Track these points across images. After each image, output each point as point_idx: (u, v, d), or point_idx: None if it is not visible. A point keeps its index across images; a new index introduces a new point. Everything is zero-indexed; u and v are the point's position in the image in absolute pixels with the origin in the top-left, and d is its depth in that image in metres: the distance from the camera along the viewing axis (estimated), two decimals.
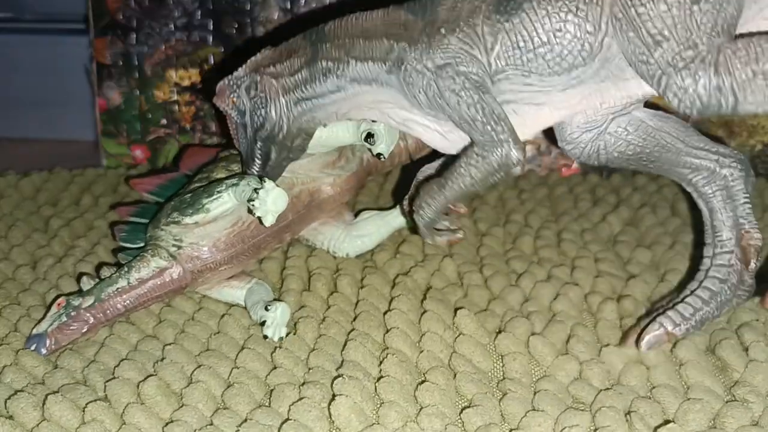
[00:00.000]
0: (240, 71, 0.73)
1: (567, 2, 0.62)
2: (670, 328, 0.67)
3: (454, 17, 0.65)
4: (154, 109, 1.07)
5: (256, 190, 0.68)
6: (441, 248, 0.83)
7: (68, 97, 1.18)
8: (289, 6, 1.02)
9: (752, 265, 0.67)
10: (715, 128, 0.99)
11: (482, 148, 0.65)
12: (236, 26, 1.03)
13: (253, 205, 0.68)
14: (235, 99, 0.73)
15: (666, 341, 0.67)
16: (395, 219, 0.83)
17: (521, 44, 0.63)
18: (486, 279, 0.78)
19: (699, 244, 0.82)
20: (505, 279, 0.78)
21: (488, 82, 0.65)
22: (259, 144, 0.72)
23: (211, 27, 1.04)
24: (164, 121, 1.07)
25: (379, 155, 0.73)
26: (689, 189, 0.70)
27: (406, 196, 0.76)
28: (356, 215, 0.84)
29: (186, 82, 1.06)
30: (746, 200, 0.68)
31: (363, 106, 0.71)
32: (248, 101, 0.72)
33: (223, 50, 1.04)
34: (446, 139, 0.70)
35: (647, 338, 0.67)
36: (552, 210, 0.94)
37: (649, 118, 0.68)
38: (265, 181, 0.69)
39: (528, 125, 0.67)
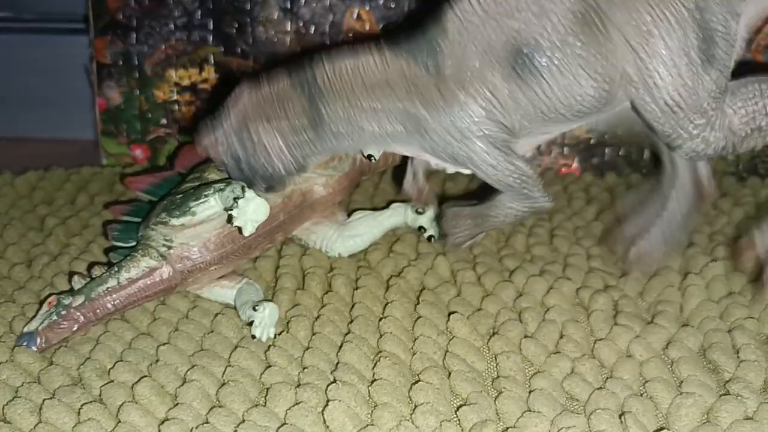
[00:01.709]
0: (226, 125, 0.69)
1: (584, 67, 0.63)
2: (646, 253, 0.75)
3: (466, 76, 0.65)
4: (154, 109, 1.07)
5: (236, 199, 0.68)
6: (434, 247, 0.83)
7: (68, 97, 1.19)
8: (289, 6, 1.02)
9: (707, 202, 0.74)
10: None
11: (517, 201, 0.68)
12: (236, 26, 1.04)
13: (231, 215, 0.68)
14: (223, 148, 0.69)
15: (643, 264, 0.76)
16: (388, 219, 0.83)
17: (543, 108, 0.65)
18: (479, 276, 0.79)
19: (690, 243, 0.82)
20: (498, 276, 0.78)
21: (513, 140, 0.67)
22: (263, 183, 0.70)
23: (211, 27, 1.04)
24: (164, 121, 1.08)
25: (369, 156, 0.73)
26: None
27: (405, 180, 0.77)
28: (350, 215, 0.84)
29: (186, 82, 1.06)
30: None
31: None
32: (244, 152, 0.69)
33: (223, 50, 1.04)
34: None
35: (629, 262, 0.75)
36: None
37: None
38: (245, 191, 0.68)
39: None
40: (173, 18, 1.05)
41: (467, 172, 0.70)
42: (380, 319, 0.72)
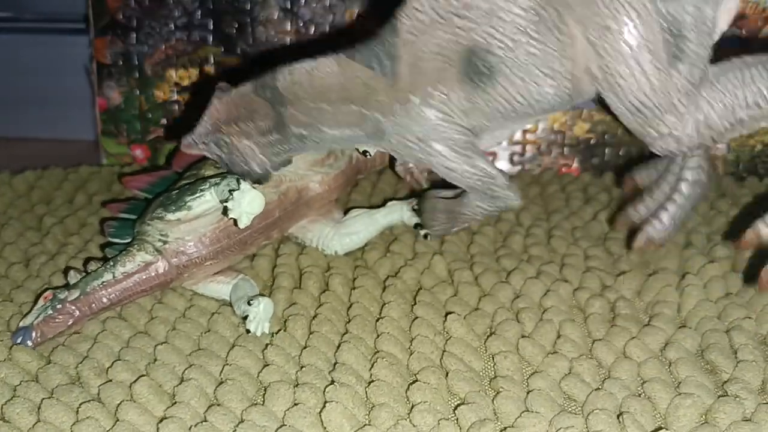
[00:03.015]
0: (200, 128, 0.72)
1: (539, 66, 0.61)
2: (655, 236, 0.72)
3: (420, 80, 0.64)
4: (154, 109, 1.08)
5: (231, 191, 0.68)
6: (431, 246, 0.83)
7: (68, 96, 1.19)
8: (289, 6, 1.03)
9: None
10: None
11: (483, 200, 0.68)
12: (236, 26, 1.04)
13: (227, 207, 0.69)
14: (204, 148, 0.72)
15: (650, 246, 0.73)
16: (384, 217, 0.83)
17: (501, 109, 0.63)
18: (476, 276, 0.78)
19: (688, 244, 0.82)
20: (495, 276, 0.78)
21: (473, 137, 0.66)
22: (248, 179, 0.72)
23: (211, 27, 1.05)
24: (164, 121, 1.08)
25: (365, 152, 0.73)
26: None
27: (398, 163, 0.78)
28: (346, 213, 0.84)
29: (186, 82, 1.06)
30: None
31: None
32: (223, 153, 0.72)
33: (223, 50, 1.05)
34: None
35: (637, 243, 0.72)
36: (544, 208, 0.94)
37: None
38: (241, 183, 0.69)
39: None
40: (173, 18, 1.05)
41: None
42: (377, 320, 0.72)
